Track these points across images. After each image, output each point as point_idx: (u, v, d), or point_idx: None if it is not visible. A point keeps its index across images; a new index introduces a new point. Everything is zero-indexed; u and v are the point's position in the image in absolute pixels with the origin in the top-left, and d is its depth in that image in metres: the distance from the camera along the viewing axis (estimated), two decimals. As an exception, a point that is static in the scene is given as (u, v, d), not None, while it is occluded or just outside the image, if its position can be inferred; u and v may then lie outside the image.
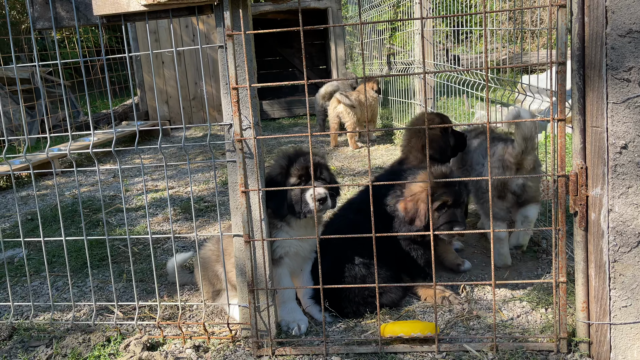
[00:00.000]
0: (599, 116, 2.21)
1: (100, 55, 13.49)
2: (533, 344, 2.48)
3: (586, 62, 2.22)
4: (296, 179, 2.74)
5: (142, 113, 10.61)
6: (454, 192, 2.96)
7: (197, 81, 10.61)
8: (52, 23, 2.60)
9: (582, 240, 2.35)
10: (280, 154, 2.87)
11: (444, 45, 8.59)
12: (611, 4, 2.11)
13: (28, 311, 3.26)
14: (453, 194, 2.95)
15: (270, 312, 2.64)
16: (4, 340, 2.89)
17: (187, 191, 5.85)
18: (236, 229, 2.62)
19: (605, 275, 2.29)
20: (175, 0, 2.37)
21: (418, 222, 2.97)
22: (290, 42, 12.39)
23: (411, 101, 7.47)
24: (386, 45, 8.89)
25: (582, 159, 2.29)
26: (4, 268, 3.83)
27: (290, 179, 2.74)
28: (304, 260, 2.97)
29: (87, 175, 7.11)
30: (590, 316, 2.37)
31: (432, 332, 2.55)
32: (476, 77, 5.38)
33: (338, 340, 2.67)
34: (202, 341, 2.74)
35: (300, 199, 2.71)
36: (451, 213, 2.96)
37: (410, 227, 3.00)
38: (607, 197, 2.24)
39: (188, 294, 3.37)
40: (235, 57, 2.44)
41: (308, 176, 2.70)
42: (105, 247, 4.18)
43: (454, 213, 2.96)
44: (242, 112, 2.49)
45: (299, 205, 2.71)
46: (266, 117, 11.03)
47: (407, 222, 3.01)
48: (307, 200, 2.69)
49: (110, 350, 2.69)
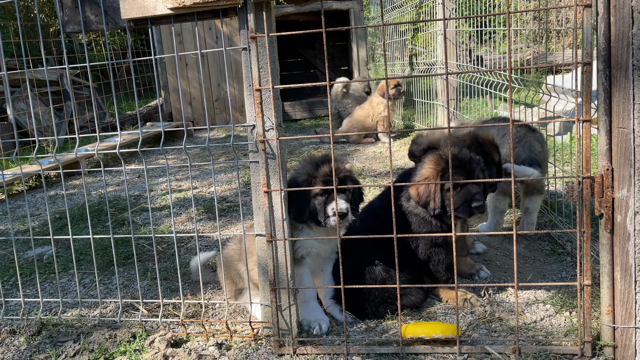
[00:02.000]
0: (626, 117, 2.17)
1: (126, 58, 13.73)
2: (557, 347, 2.46)
3: (612, 62, 2.19)
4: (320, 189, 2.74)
5: (166, 114, 10.77)
6: (467, 171, 2.88)
7: (220, 83, 10.73)
8: (82, 27, 2.67)
9: (608, 242, 2.31)
10: (308, 159, 2.88)
11: (467, 46, 8.52)
12: (637, 4, 2.08)
13: (56, 307, 3.35)
14: (466, 172, 2.87)
15: (291, 311, 2.66)
16: (33, 336, 2.97)
17: (210, 191, 5.92)
18: (258, 228, 2.65)
19: (632, 278, 2.25)
20: (201, 4, 2.41)
21: (432, 204, 2.92)
22: (312, 44, 12.43)
23: (434, 102, 7.43)
24: (408, 46, 8.85)
25: (608, 160, 2.26)
26: (34, 265, 3.94)
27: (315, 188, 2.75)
28: (325, 261, 2.98)
29: (113, 175, 7.25)
30: (616, 320, 2.34)
31: (453, 333, 2.54)
32: (499, 77, 5.33)
33: (359, 340, 2.68)
34: (225, 339, 2.78)
35: (322, 210, 2.73)
36: (466, 191, 2.87)
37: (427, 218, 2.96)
38: (633, 199, 2.20)
39: (211, 293, 3.42)
40: (259, 58, 2.47)
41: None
42: (131, 245, 4.26)
43: (469, 190, 2.87)
44: (264, 113, 2.52)
45: (321, 215, 2.73)
46: (288, 118, 11.09)
47: (422, 205, 2.96)
48: (329, 212, 2.71)
49: (135, 346, 2.75)
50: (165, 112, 10.79)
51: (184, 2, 2.41)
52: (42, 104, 9.55)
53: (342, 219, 2.69)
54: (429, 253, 3.04)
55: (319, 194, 2.74)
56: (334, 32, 11.86)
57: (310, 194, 2.74)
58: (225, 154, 7.96)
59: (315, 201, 2.75)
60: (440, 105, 7.20)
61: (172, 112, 10.81)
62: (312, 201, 2.75)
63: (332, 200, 2.70)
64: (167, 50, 10.36)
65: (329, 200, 2.73)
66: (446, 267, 3.05)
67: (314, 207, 2.75)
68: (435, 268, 3.04)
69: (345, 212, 2.67)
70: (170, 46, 10.37)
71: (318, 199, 2.74)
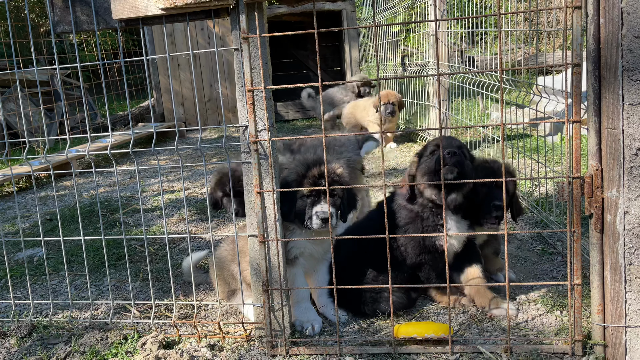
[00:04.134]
0: (615, 118, 2.20)
1: (117, 58, 13.65)
2: (548, 347, 2.47)
3: (602, 63, 2.21)
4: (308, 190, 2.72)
5: (158, 115, 10.73)
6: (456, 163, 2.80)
7: (212, 83, 10.70)
8: (72, 27, 2.65)
9: (598, 242, 2.33)
10: (302, 159, 2.87)
11: (459, 47, 8.56)
12: (627, 5, 2.10)
13: (47, 309, 3.33)
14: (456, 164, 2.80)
15: (284, 311, 2.66)
16: (23, 338, 2.95)
17: (202, 192, 5.91)
18: (251, 229, 2.65)
19: (621, 277, 2.27)
20: (193, 4, 2.41)
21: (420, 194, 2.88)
22: (304, 44, 12.43)
23: (425, 103, 7.46)
24: (401, 47, 8.88)
25: (598, 160, 2.28)
26: (24, 267, 3.91)
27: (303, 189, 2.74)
28: (319, 262, 2.98)
29: (105, 176, 7.21)
30: (606, 319, 2.36)
31: (445, 333, 2.56)
32: (491, 78, 5.36)
33: (352, 340, 2.69)
34: (217, 340, 2.77)
35: (308, 212, 2.71)
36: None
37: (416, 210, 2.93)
38: (622, 199, 2.22)
39: (203, 294, 3.41)
40: (251, 59, 2.47)
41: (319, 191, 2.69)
42: (122, 246, 4.24)
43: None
44: (257, 114, 2.52)
45: (306, 217, 2.71)
46: (280, 118, 11.08)
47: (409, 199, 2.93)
48: (313, 215, 2.69)
49: (127, 348, 2.74)
50: (157, 112, 10.75)
51: (176, 2, 2.41)
52: (32, 105, 9.49)
53: (324, 223, 2.65)
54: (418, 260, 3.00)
55: (306, 196, 2.73)
56: (326, 33, 11.87)
57: (298, 194, 2.74)
58: (218, 155, 7.94)
59: (302, 202, 2.74)
60: (432, 106, 7.23)
61: (164, 112, 10.77)
62: (299, 202, 2.74)
63: (318, 202, 2.69)
64: (159, 51, 10.33)
65: (315, 203, 2.71)
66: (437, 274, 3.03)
67: (301, 208, 2.74)
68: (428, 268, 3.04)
69: (326, 217, 2.63)
70: (162, 46, 10.34)
71: (305, 201, 2.73)
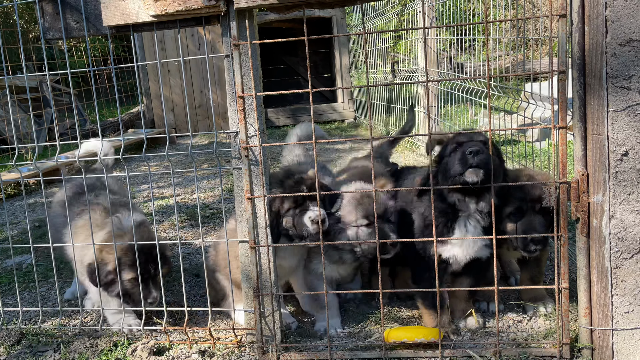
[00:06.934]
0: (600, 124, 2.24)
1: (108, 64, 13.60)
2: (536, 350, 2.50)
3: (587, 70, 2.25)
4: (291, 203, 2.70)
5: (148, 121, 10.70)
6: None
7: (203, 89, 10.69)
8: (63, 34, 2.65)
9: (584, 246, 2.37)
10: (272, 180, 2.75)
11: (448, 53, 8.64)
12: (611, 14, 2.15)
13: (36, 316, 3.30)
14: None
15: (275, 317, 2.67)
16: (12, 345, 2.93)
17: (193, 198, 5.90)
18: (242, 235, 2.65)
19: (607, 281, 2.31)
20: (184, 11, 2.42)
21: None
22: (295, 51, 12.47)
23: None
24: (390, 54, 8.94)
25: (584, 166, 2.31)
26: (13, 274, 3.87)
27: (284, 205, 2.72)
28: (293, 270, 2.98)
29: (94, 182, 7.15)
30: (593, 322, 2.39)
31: (435, 337, 2.57)
32: (480, 84, 5.41)
33: (342, 345, 2.70)
34: (208, 346, 2.77)
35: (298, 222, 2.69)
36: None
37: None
38: (608, 203, 2.26)
39: (194, 300, 3.40)
40: (242, 66, 2.48)
41: (302, 199, 2.69)
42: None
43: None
44: (247, 120, 2.53)
45: (299, 227, 2.69)
46: (271, 125, 11.09)
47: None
48: (306, 222, 2.67)
49: (117, 355, 2.72)
50: (148, 118, 10.72)
51: (167, 9, 2.42)
52: (21, 111, 9.42)
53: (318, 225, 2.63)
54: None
55: (289, 209, 2.71)
56: (316, 40, 11.89)
57: (280, 212, 2.71)
58: (208, 161, 7.93)
59: (287, 217, 2.71)
60: (422, 112, 7.29)
61: (154, 118, 10.75)
62: (283, 220, 2.71)
63: (306, 210, 2.68)
64: (149, 57, 10.31)
65: (303, 212, 2.69)
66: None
67: (289, 223, 2.71)
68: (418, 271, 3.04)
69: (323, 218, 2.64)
70: (153, 53, 10.32)
71: (290, 213, 2.71)
